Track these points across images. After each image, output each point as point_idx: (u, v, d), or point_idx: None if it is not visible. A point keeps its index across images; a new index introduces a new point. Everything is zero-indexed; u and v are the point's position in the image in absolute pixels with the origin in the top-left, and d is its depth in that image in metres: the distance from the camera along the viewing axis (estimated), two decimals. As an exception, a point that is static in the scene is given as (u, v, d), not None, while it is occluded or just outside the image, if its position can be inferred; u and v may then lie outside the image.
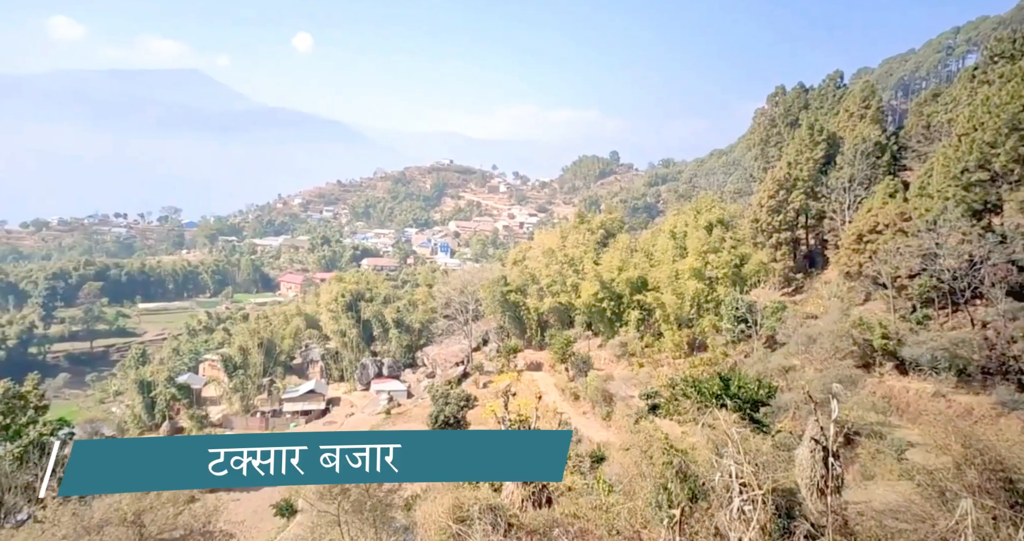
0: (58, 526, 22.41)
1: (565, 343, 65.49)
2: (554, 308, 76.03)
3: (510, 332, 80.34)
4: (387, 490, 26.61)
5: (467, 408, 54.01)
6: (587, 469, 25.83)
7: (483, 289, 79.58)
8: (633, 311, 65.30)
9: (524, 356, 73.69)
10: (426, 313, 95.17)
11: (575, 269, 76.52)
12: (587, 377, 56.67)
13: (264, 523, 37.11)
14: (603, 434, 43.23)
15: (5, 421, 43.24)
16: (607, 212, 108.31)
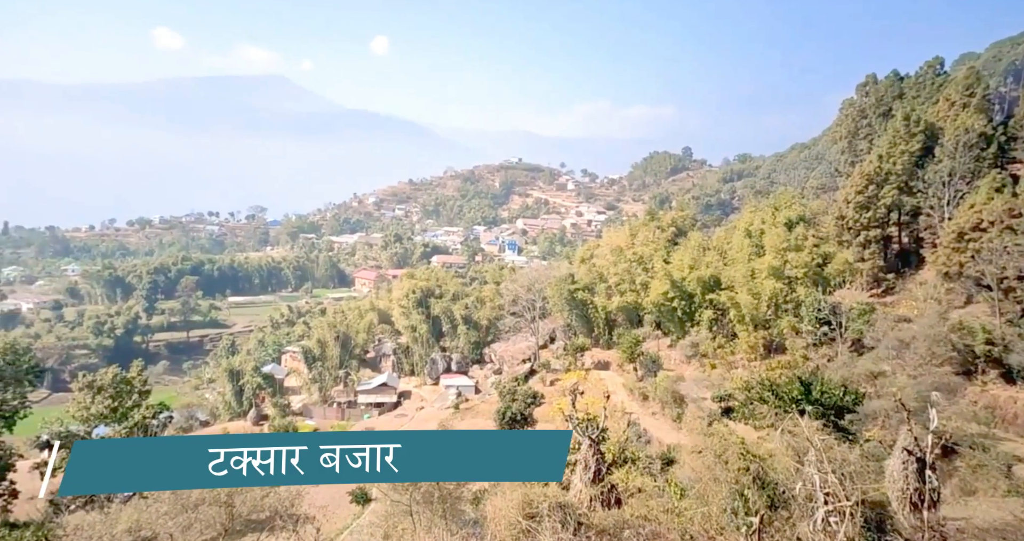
0: (160, 503, 24.25)
1: (634, 342, 64.35)
2: (622, 307, 74.87)
3: (577, 330, 79.84)
4: (456, 483, 27.13)
5: (534, 405, 54.17)
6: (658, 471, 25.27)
7: (550, 287, 79.49)
8: (705, 311, 63.31)
9: (591, 355, 73.02)
10: (493, 310, 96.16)
11: (644, 267, 75.01)
12: (656, 377, 55.45)
13: (341, 509, 38.72)
14: (673, 436, 42.16)
15: (114, 404, 47.22)
16: (678, 209, 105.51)
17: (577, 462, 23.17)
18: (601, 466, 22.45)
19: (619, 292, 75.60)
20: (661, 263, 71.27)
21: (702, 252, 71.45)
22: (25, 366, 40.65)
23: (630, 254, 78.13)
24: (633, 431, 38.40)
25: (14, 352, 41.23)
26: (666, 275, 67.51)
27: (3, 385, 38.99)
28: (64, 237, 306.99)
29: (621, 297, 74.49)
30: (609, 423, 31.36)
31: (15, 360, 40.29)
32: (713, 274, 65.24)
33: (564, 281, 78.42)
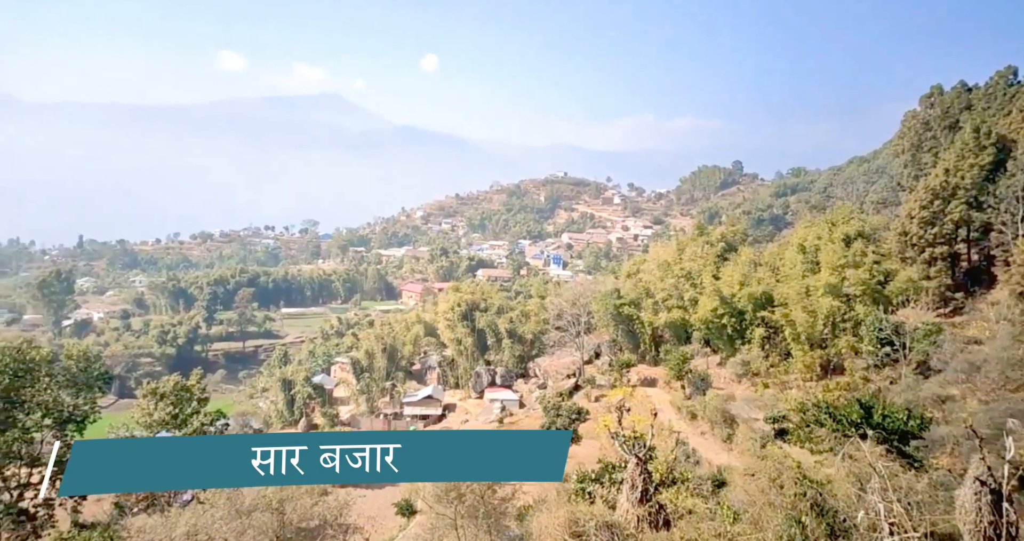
0: (216, 508, 25.16)
1: (682, 359, 62.96)
2: (670, 323, 73.42)
3: (623, 346, 78.73)
4: (500, 498, 27.09)
5: (579, 421, 53.58)
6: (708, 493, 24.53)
7: (595, 302, 78.80)
8: (757, 328, 61.39)
9: (637, 371, 71.80)
10: (538, 324, 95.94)
11: (693, 283, 73.49)
12: (705, 396, 54.01)
13: (387, 521, 39.18)
14: (724, 457, 40.88)
15: (175, 411, 49.26)
16: (728, 224, 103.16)
17: (624, 481, 22.77)
18: (648, 486, 21.99)
19: (666, 308, 74.22)
20: (710, 279, 69.64)
21: (753, 268, 69.50)
22: (96, 373, 43.01)
23: (678, 269, 76.72)
24: (681, 451, 37.47)
25: (86, 359, 43.73)
26: (715, 291, 65.91)
27: (76, 390, 41.35)
28: (133, 250, 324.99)
29: (668, 313, 73.08)
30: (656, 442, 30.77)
31: (87, 367, 42.70)
32: (765, 291, 63.30)
33: (610, 296, 77.60)
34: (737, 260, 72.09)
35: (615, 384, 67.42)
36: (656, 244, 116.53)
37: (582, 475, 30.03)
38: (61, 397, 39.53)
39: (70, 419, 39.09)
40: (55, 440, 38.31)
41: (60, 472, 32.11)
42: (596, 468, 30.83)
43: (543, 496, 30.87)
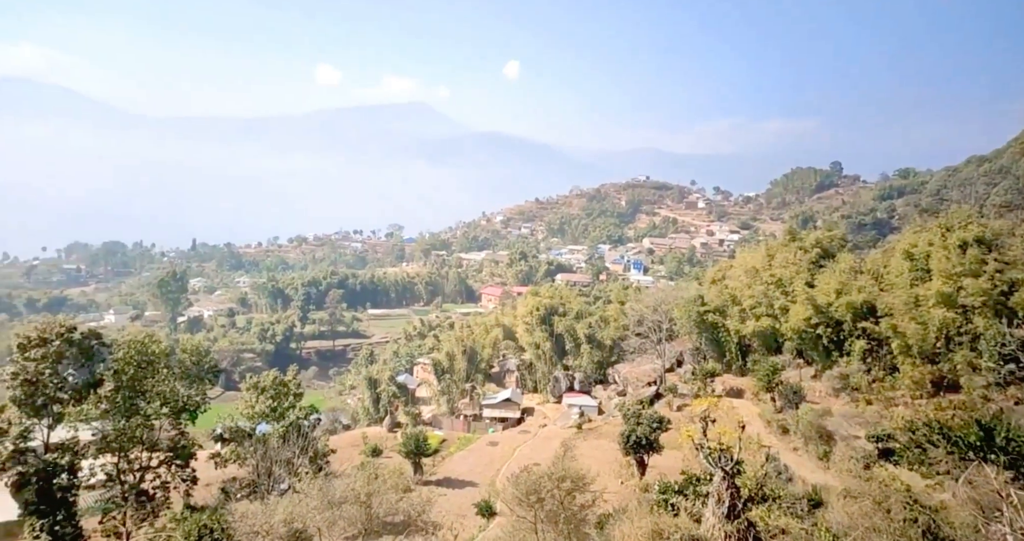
0: (310, 498, 26.69)
1: (771, 370, 59.88)
2: (758, 332, 70.13)
3: (707, 354, 75.99)
4: (580, 505, 26.90)
5: (660, 430, 52.05)
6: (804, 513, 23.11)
7: (678, 308, 76.56)
8: (857, 340, 57.37)
9: (722, 381, 69.04)
10: (618, 330, 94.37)
11: (784, 291, 69.77)
12: (798, 410, 51.01)
13: (467, 520, 39.83)
14: (819, 476, 38.41)
15: (273, 404, 52.63)
16: (825, 229, 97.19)
17: (709, 495, 21.94)
18: (736, 501, 21.05)
19: (754, 316, 70.91)
20: (803, 286, 65.83)
21: (853, 276, 64.95)
22: (207, 366, 46.75)
23: (767, 276, 73.08)
24: (772, 466, 35.55)
25: (198, 353, 47.66)
26: (809, 300, 62.23)
27: (189, 382, 45.13)
28: (238, 253, 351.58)
29: (756, 321, 69.79)
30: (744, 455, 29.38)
31: (199, 361, 46.52)
32: (866, 300, 58.99)
33: (693, 302, 75.16)
34: (834, 267, 67.71)
35: (699, 394, 65.17)
36: (744, 249, 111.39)
37: (664, 486, 29.22)
38: (177, 388, 43.22)
39: (184, 408, 42.63)
40: (171, 428, 42.01)
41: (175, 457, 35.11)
42: (679, 479, 29.90)
43: (623, 505, 30.32)
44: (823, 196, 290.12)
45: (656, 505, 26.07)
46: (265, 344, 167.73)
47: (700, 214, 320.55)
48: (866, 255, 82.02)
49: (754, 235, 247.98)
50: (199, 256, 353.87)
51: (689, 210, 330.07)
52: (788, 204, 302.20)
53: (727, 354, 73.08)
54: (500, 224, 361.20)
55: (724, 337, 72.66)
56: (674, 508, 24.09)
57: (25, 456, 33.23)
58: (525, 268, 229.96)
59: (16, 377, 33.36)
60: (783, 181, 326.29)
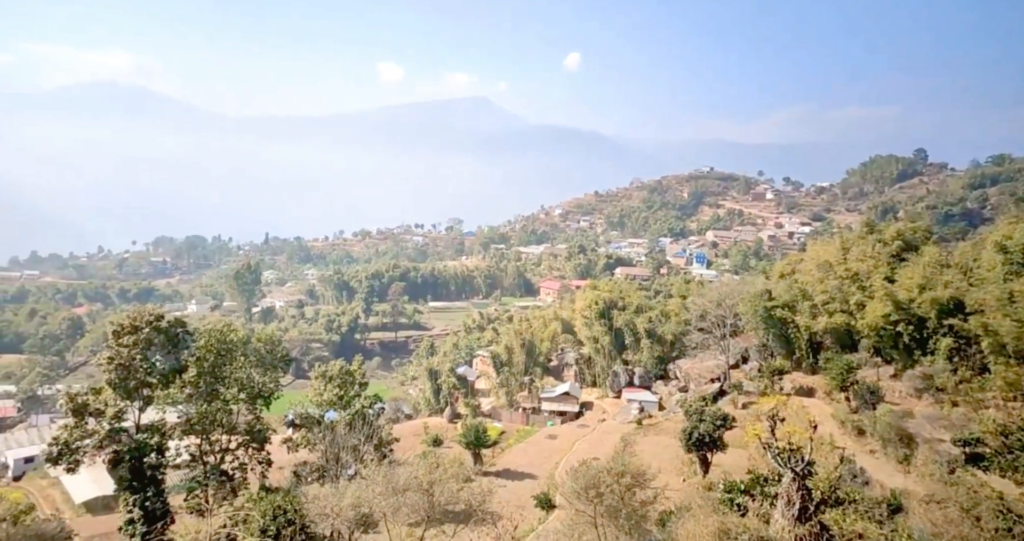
0: (376, 484, 27.63)
1: (845, 369, 57.07)
2: (830, 328, 66.89)
3: (774, 351, 73.22)
4: (641, 501, 26.56)
5: (724, 428, 50.59)
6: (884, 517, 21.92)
7: (743, 303, 74.01)
8: (943, 338, 53.78)
9: (791, 379, 66.38)
10: (679, 325, 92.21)
11: (860, 286, 66.19)
12: (876, 410, 48.39)
13: (526, 512, 40.15)
14: (898, 480, 36.34)
15: (340, 393, 54.66)
16: (907, 220, 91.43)
17: (779, 496, 21.18)
18: (808, 503, 20.24)
19: (827, 312, 67.67)
20: (882, 281, 62.28)
21: (939, 270, 60.78)
22: (279, 355, 49.12)
23: (842, 270, 69.54)
24: (847, 469, 33.91)
25: (272, 342, 50.13)
26: (888, 295, 58.84)
27: (263, 370, 47.59)
28: (306, 246, 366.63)
29: (829, 318, 66.61)
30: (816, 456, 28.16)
31: (272, 349, 48.93)
32: (953, 296, 55.12)
33: (760, 297, 72.43)
34: (918, 261, 63.64)
35: (766, 391, 62.93)
36: (816, 242, 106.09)
37: (730, 485, 28.42)
38: (252, 375, 45.71)
39: (259, 394, 45.05)
40: (248, 413, 44.46)
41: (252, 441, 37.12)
42: (745, 479, 28.99)
43: (686, 503, 29.73)
44: (905, 186, 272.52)
45: (721, 504, 25.41)
46: (331, 334, 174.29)
47: (768, 206, 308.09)
48: (953, 248, 76.43)
49: (827, 227, 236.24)
50: (271, 249, 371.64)
51: (756, 202, 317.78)
52: (866, 194, 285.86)
53: (796, 351, 70.16)
54: (559, 217, 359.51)
55: (793, 333, 69.75)
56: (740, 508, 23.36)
57: (119, 435, 36.02)
58: (584, 262, 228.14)
59: (111, 361, 36.15)
60: (861, 170, 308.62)
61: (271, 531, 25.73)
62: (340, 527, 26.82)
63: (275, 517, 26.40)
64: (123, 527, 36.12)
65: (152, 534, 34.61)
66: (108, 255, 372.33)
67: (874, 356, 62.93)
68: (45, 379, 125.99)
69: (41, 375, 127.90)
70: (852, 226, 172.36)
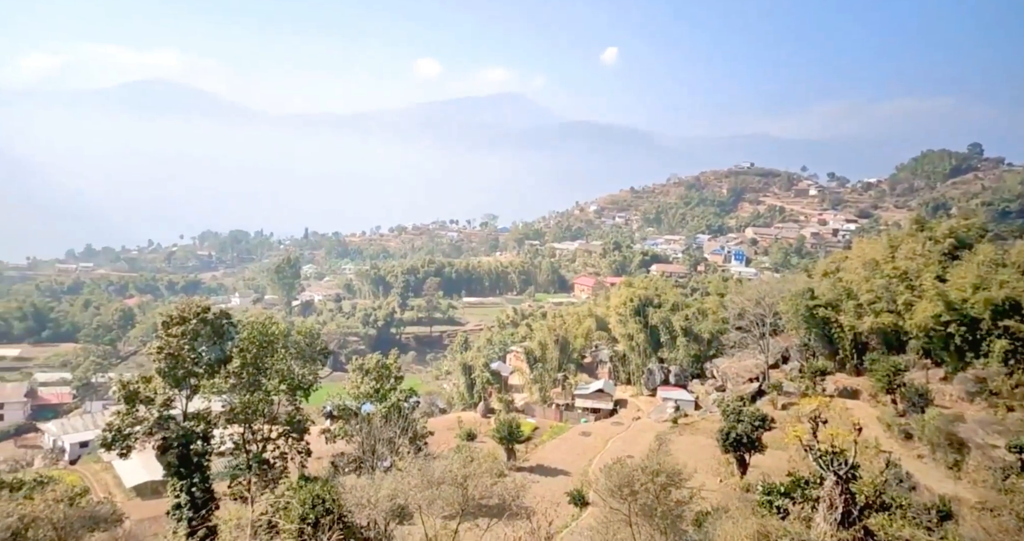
0: (411, 476, 28.02)
1: (892, 370, 55.22)
2: (876, 329, 64.81)
3: (816, 351, 71.32)
4: (676, 501, 26.24)
5: (763, 429, 49.55)
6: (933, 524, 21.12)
7: (784, 301, 72.21)
8: (998, 340, 51.48)
9: (834, 380, 64.58)
10: (716, 323, 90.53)
11: (908, 285, 63.90)
12: (924, 414, 46.65)
13: (560, 508, 40.13)
14: (948, 486, 35.01)
15: (376, 386, 55.56)
16: (961, 217, 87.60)
17: (820, 499, 20.63)
18: (851, 508, 19.65)
19: (872, 311, 65.57)
20: (932, 281, 60.03)
21: (994, 269, 58.16)
22: (318, 348, 50.20)
23: (889, 269, 67.27)
24: (892, 473, 32.77)
25: (311, 335, 51.24)
26: (939, 295, 56.65)
27: (303, 362, 48.73)
28: (344, 241, 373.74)
29: (875, 317, 64.53)
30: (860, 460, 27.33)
31: (312, 342, 50.02)
32: (1009, 296, 52.74)
33: (802, 296, 70.55)
34: (971, 259, 61.07)
35: (807, 392, 61.37)
36: (861, 240, 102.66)
37: (769, 487, 27.82)
38: (293, 367, 46.84)
39: (299, 386, 46.15)
40: (288, 404, 45.63)
41: (292, 431, 38.10)
42: (785, 481, 28.34)
43: (723, 504, 29.27)
44: (959, 181, 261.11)
45: (759, 506, 24.89)
46: (368, 328, 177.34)
47: (811, 202, 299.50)
48: (1010, 246, 72.89)
49: (874, 224, 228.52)
50: (310, 244, 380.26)
51: (799, 198, 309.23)
52: (916, 190, 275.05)
53: (840, 352, 68.19)
54: (594, 214, 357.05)
55: (837, 333, 67.75)
56: (780, 511, 22.83)
57: (167, 423, 37.47)
58: (619, 258, 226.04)
59: (161, 351, 37.60)
60: (911, 165, 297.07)
61: (310, 519, 26.39)
62: (376, 518, 27.29)
63: (314, 506, 27.06)
64: (171, 511, 37.59)
65: (198, 519, 35.92)
66: (157, 248, 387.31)
67: (923, 358, 60.72)
68: (99, 367, 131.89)
69: (95, 363, 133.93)
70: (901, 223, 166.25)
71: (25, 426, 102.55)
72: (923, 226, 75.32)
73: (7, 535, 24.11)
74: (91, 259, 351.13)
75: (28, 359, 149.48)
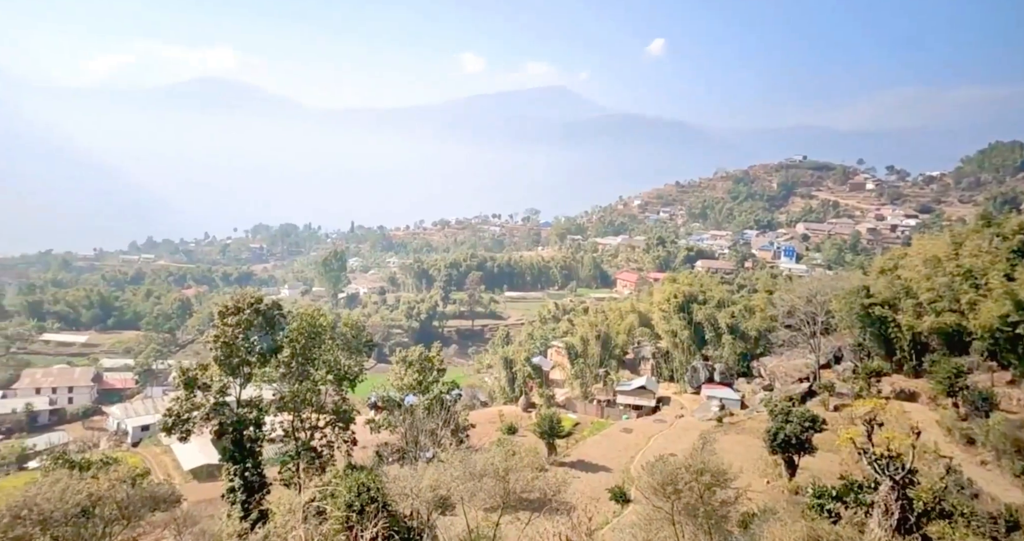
0: (453, 468, 28.41)
1: (954, 373, 52.63)
2: (938, 329, 61.90)
3: (871, 351, 68.68)
4: (721, 501, 25.73)
5: (813, 431, 48.01)
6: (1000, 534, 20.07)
7: (837, 299, 69.70)
8: (1073, 343, 48.14)
9: (891, 381, 62.06)
10: (764, 321, 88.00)
11: (973, 284, 60.58)
12: (989, 419, 44.25)
13: (600, 504, 39.98)
14: (1015, 495, 33.15)
15: (419, 378, 56.46)
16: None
17: (875, 504, 19.88)
18: (908, 514, 18.87)
19: (933, 311, 62.61)
20: (1000, 279, 56.74)
21: (1070, 266, 54.53)
22: (364, 339, 51.35)
23: (952, 266, 63.94)
24: (953, 480, 31.24)
25: (356, 327, 52.47)
26: (1007, 294, 53.66)
27: (349, 353, 49.93)
28: (388, 235, 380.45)
29: (936, 317, 61.63)
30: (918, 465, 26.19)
31: (357, 334, 51.23)
32: (1087, 295, 49.27)
33: (856, 294, 67.94)
34: (1043, 256, 57.29)
35: (861, 394, 59.23)
36: (922, 236, 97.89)
37: (820, 490, 26.94)
38: (339, 358, 48.05)
39: (345, 377, 47.31)
40: (335, 393, 46.86)
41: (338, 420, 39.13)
42: (837, 484, 27.40)
43: (770, 506, 28.53)
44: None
45: (809, 509, 24.15)
46: (411, 321, 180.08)
47: (868, 197, 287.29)
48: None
49: (936, 219, 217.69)
50: (356, 237, 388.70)
51: (854, 192, 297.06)
52: (983, 184, 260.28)
53: (897, 352, 65.40)
54: (637, 208, 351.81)
55: (894, 333, 64.98)
56: (832, 515, 22.09)
57: (223, 409, 39.02)
58: (663, 254, 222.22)
59: (217, 340, 39.17)
60: (978, 158, 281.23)
61: (356, 507, 27.06)
62: (419, 507, 27.80)
63: (359, 494, 27.73)
64: (225, 494, 39.20)
65: (251, 503, 37.34)
66: (213, 241, 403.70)
67: (988, 360, 57.68)
68: (159, 354, 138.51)
69: (155, 351, 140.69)
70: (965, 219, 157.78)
71: (92, 409, 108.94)
72: (990, 222, 71.26)
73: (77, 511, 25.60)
74: (152, 251, 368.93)
75: (95, 345, 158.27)
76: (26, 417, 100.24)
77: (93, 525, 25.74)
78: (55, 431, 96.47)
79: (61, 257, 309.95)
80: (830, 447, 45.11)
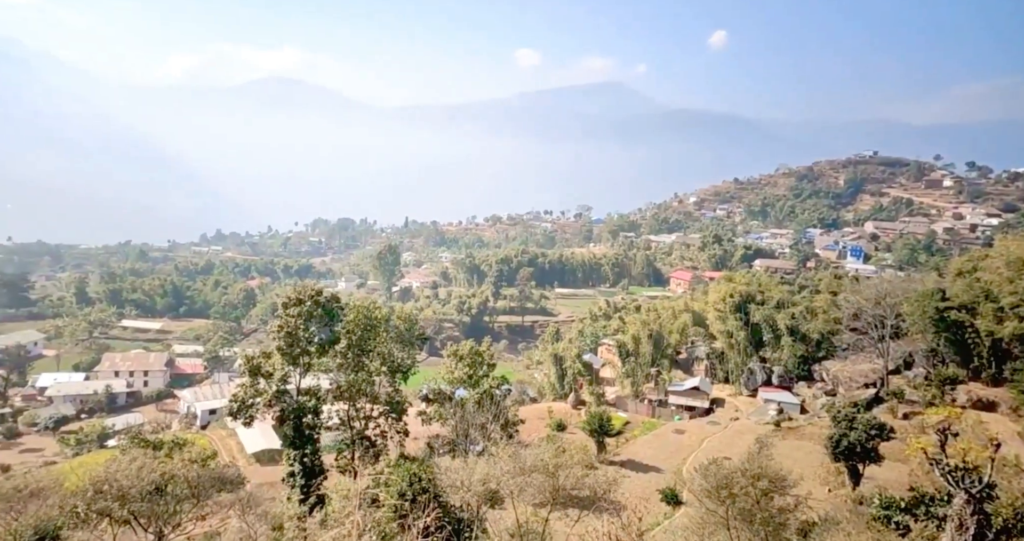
0: (503, 462, 28.60)
1: (1039, 384, 48.77)
2: (1021, 335, 57.44)
3: (945, 358, 64.85)
4: (779, 507, 24.90)
5: (879, 439, 45.65)
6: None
7: (909, 302, 66.05)
8: None
9: (967, 390, 58.43)
10: (827, 323, 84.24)
11: (1065, 287, 55.96)
12: (1079, 436, 40.91)
13: (650, 505, 39.38)
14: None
15: (470, 372, 57.07)
16: None
17: (948, 518, 18.76)
18: (986, 530, 17.71)
19: (1017, 316, 58.38)
20: (1096, 282, 52.13)
21: None
22: (416, 333, 52.42)
23: (1040, 268, 59.25)
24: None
25: (409, 321, 53.61)
26: (1104, 299, 49.09)
27: (402, 346, 51.08)
28: (441, 230, 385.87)
29: (1020, 323, 57.34)
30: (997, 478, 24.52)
31: (410, 327, 52.35)
32: None
33: (931, 296, 64.19)
34: None
35: (933, 402, 56.06)
36: (1006, 236, 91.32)
37: (887, 501, 25.65)
38: (393, 350, 49.22)
39: (398, 369, 48.44)
40: (389, 385, 48.04)
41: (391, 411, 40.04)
42: (906, 496, 26.00)
43: (832, 515, 27.37)
44: None
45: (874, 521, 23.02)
46: (462, 316, 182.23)
47: (945, 194, 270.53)
48: None
49: (1022, 219, 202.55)
50: (410, 232, 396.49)
51: (930, 189, 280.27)
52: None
53: (975, 359, 61.55)
54: (693, 205, 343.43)
55: (972, 339, 61.14)
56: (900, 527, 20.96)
57: (284, 396, 40.69)
58: (719, 252, 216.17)
59: (281, 330, 40.87)
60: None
61: (408, 496, 27.68)
62: (469, 500, 28.14)
63: (411, 484, 28.35)
64: (285, 478, 40.91)
65: (309, 487, 38.82)
66: (275, 234, 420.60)
67: (1079, 370, 53.27)
68: (225, 342, 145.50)
69: (223, 338, 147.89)
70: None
71: (165, 392, 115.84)
72: (1086, 221, 65.74)
73: (151, 488, 27.29)
74: (220, 243, 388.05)
75: (168, 332, 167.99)
76: (106, 398, 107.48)
77: (165, 502, 27.38)
78: (132, 412, 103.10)
79: (138, 248, 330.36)
80: (898, 457, 42.86)
